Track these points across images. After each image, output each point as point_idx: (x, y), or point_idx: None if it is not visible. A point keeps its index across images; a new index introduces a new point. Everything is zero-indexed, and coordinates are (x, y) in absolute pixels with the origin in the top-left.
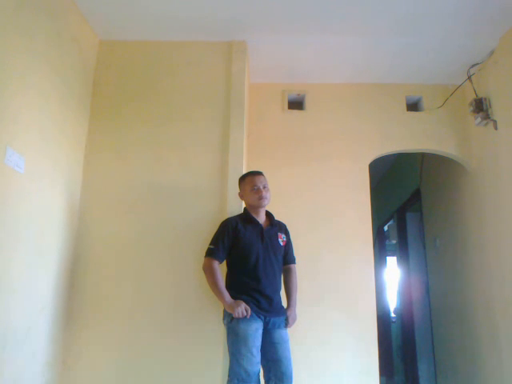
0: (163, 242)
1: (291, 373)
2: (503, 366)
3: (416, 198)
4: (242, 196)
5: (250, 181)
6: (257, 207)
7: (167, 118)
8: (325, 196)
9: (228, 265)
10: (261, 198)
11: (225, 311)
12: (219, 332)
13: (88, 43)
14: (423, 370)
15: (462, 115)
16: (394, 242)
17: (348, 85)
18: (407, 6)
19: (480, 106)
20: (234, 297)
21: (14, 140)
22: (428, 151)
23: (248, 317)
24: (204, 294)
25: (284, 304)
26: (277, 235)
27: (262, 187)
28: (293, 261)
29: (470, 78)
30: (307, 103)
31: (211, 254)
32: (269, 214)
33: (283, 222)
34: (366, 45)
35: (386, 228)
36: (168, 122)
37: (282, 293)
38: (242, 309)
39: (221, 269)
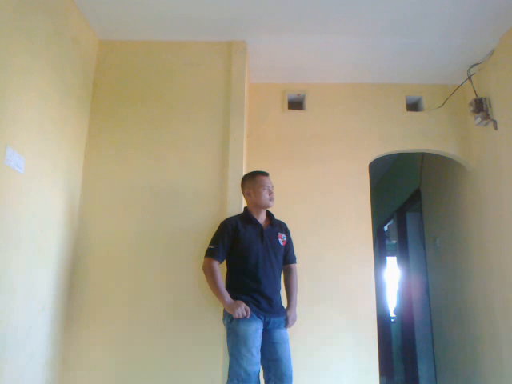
0: (163, 242)
1: (291, 373)
2: (503, 366)
3: (416, 197)
4: (248, 194)
5: (261, 180)
6: (265, 207)
7: (167, 117)
8: (325, 196)
9: (228, 265)
10: (272, 198)
11: (225, 311)
12: (219, 332)
13: (88, 43)
14: (423, 370)
15: (462, 115)
16: (394, 242)
17: (348, 85)
18: (407, 6)
19: (480, 106)
20: (233, 297)
21: (14, 140)
22: (428, 151)
23: (248, 317)
24: (204, 294)
25: (284, 304)
26: (277, 235)
27: (271, 188)
28: (293, 260)
29: (470, 78)
30: (307, 103)
31: (211, 254)
32: (269, 214)
33: (283, 221)
34: (366, 45)
35: (386, 228)
36: (168, 122)
37: (282, 293)
38: (242, 309)
39: (221, 269)
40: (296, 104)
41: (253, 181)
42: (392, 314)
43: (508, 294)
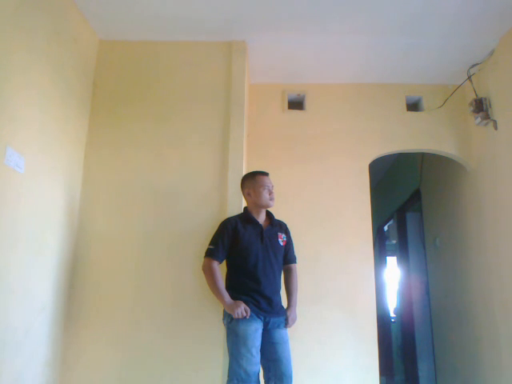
0: (163, 242)
1: (291, 373)
2: (503, 366)
3: (416, 197)
4: (248, 194)
5: (262, 180)
6: (265, 207)
7: (167, 117)
8: (325, 196)
9: (228, 265)
10: (272, 198)
11: (225, 311)
12: (219, 332)
13: (88, 43)
14: (423, 370)
15: (462, 115)
16: (394, 242)
17: (348, 85)
18: (407, 6)
19: (480, 106)
20: (233, 297)
21: (14, 140)
22: (428, 151)
23: (247, 317)
24: (204, 295)
25: (284, 304)
26: (277, 235)
27: (271, 187)
28: (293, 260)
29: (470, 78)
30: (307, 103)
31: (211, 254)
32: (269, 214)
33: (283, 221)
34: (366, 45)
35: (386, 228)
36: (168, 122)
37: (282, 292)
38: (242, 309)
39: (220, 269)
40: (296, 104)
41: (253, 181)
42: (392, 314)
43: (507, 293)
